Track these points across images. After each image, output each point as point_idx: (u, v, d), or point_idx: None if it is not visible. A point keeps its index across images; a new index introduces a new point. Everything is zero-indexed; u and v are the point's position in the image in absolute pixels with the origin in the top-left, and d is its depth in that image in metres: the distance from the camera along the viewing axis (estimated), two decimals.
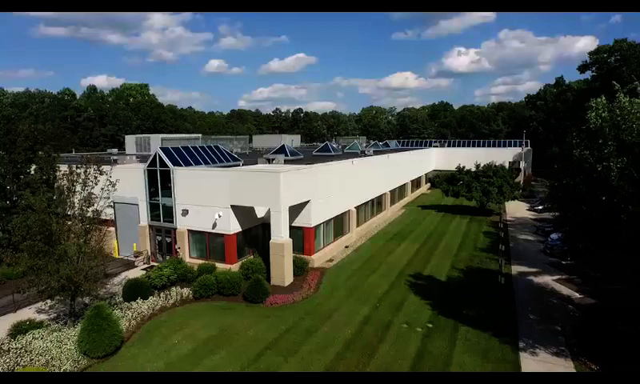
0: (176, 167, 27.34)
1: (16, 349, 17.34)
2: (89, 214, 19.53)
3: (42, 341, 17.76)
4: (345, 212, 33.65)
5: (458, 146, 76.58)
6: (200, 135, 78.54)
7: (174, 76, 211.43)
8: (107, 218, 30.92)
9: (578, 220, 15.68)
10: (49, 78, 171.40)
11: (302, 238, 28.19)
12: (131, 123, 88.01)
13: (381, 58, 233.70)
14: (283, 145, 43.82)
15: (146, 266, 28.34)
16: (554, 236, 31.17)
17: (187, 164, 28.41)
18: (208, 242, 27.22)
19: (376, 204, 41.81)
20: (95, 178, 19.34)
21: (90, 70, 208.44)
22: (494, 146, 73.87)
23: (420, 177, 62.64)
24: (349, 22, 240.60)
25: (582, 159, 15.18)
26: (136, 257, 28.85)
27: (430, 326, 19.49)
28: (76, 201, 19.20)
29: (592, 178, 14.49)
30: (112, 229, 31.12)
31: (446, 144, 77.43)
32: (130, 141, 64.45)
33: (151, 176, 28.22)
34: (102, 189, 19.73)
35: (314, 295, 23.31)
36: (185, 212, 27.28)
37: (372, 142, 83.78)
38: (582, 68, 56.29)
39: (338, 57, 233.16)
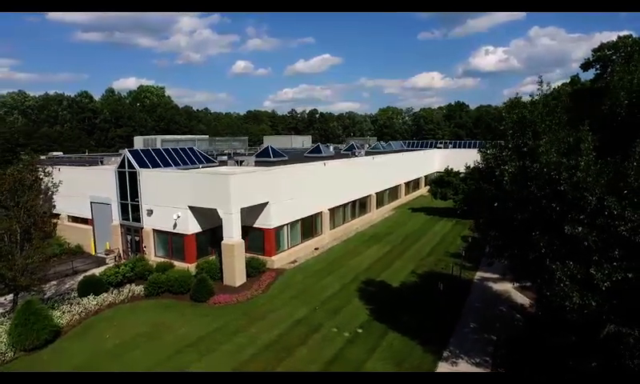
0: (142, 169, 28.30)
1: None
2: (38, 212, 20.52)
3: None
4: (316, 213, 33.76)
5: (468, 147, 74.76)
6: (207, 136, 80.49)
7: (202, 77, 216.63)
8: (86, 217, 32.57)
9: (489, 220, 15.34)
10: (83, 81, 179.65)
11: (262, 239, 28.58)
12: (146, 124, 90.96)
13: (406, 58, 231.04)
14: (268, 146, 44.21)
15: (115, 263, 29.42)
16: None
17: (155, 166, 29.33)
18: (170, 242, 28.03)
19: (358, 206, 41.64)
20: (35, 179, 20.33)
21: (121, 72, 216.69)
22: None
23: (419, 178, 61.74)
24: (374, 22, 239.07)
25: (488, 161, 14.91)
26: (107, 254, 30.04)
27: (360, 331, 19.43)
28: (24, 200, 20.23)
29: (493, 182, 14.17)
30: (90, 227, 32.58)
31: (450, 145, 75.81)
32: (139, 141, 66.79)
33: (121, 177, 29.31)
34: (49, 189, 20.68)
35: (260, 296, 23.63)
36: (150, 212, 28.19)
37: (384, 143, 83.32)
38: (585, 66, 53.52)
39: (364, 57, 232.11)
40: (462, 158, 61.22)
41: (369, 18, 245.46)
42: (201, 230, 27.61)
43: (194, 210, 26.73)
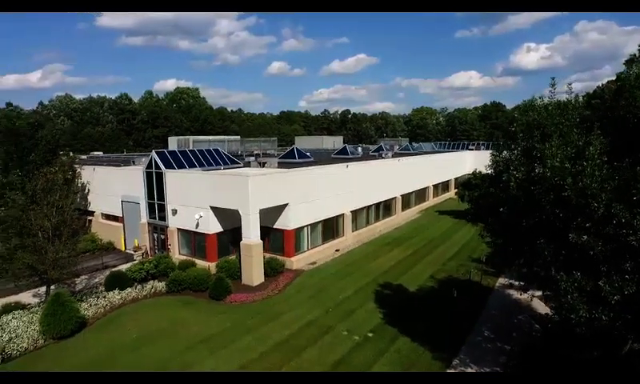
0: (167, 170, 29.42)
1: None
2: (68, 210, 21.83)
3: (17, 320, 20.36)
4: (337, 215, 33.86)
5: None
6: (238, 137, 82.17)
7: (238, 78, 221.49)
8: (117, 215, 34.21)
9: (496, 226, 14.98)
10: (126, 83, 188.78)
11: (282, 240, 29.01)
12: (181, 125, 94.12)
13: (443, 57, 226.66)
14: (293, 148, 44.76)
15: (142, 260, 30.73)
16: None
17: (180, 167, 30.39)
18: (193, 241, 28.99)
19: (383, 208, 41.37)
20: (66, 180, 21.61)
21: (161, 74, 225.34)
22: None
23: (448, 181, 60.48)
24: (410, 21, 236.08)
25: (498, 164, 14.58)
26: (135, 251, 31.44)
27: (370, 335, 19.39)
28: (56, 199, 21.58)
29: (500, 187, 13.83)
30: (120, 225, 34.21)
31: (483, 146, 73.70)
32: (173, 141, 69.11)
33: (149, 177, 30.59)
34: (85, 187, 21.88)
35: (276, 296, 24.03)
36: (174, 211, 29.27)
37: (416, 144, 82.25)
38: (629, 62, 50.61)
39: (399, 57, 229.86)
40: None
41: (405, 17, 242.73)
42: (222, 230, 28.37)
43: (215, 210, 27.52)
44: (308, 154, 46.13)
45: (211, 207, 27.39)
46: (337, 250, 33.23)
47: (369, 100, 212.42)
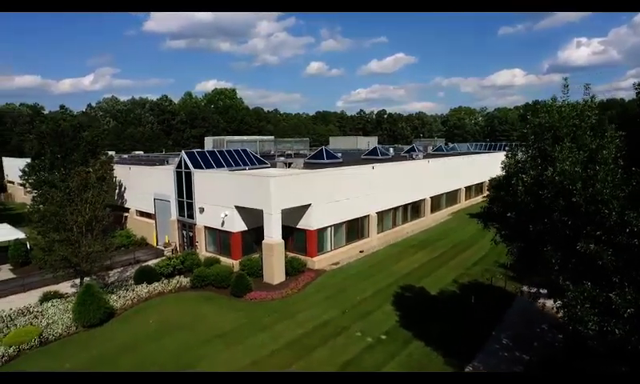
0: (196, 169, 30.53)
1: (36, 311, 21.74)
2: (100, 207, 23.19)
3: (54, 308, 21.92)
4: (362, 216, 33.81)
5: None
6: (272, 137, 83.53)
7: (277, 79, 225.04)
8: (150, 213, 35.83)
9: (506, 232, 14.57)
10: (169, 85, 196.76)
11: (304, 240, 29.35)
12: (218, 125, 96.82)
13: (485, 54, 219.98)
14: (322, 148, 45.09)
15: (172, 255, 32.05)
16: None
17: (208, 167, 31.46)
18: (219, 239, 29.91)
19: (411, 210, 40.84)
20: (98, 179, 22.94)
21: (202, 76, 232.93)
22: None
23: (482, 183, 58.64)
24: (451, 19, 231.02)
25: (509, 167, 14.20)
26: (165, 247, 32.82)
27: (384, 337, 19.34)
28: (89, 196, 22.98)
29: (509, 191, 13.45)
30: (153, 221, 35.81)
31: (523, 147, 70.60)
32: (208, 141, 71.40)
33: (179, 177, 31.87)
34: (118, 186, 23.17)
35: (294, 295, 24.39)
36: (201, 210, 30.32)
37: (451, 144, 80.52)
38: None
39: (439, 56, 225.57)
40: None
41: (445, 16, 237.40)
42: (246, 229, 29.09)
43: (239, 209, 28.27)
44: (339, 154, 46.39)
45: (236, 206, 28.16)
46: (361, 251, 33.19)
47: (407, 100, 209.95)
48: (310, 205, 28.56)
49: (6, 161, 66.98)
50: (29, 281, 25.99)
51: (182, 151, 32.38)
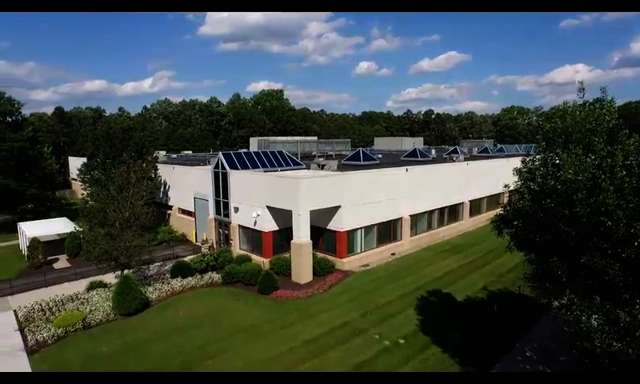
0: (231, 170, 31.87)
1: (83, 298, 23.89)
2: (138, 205, 24.92)
3: (98, 296, 23.94)
4: (395, 219, 33.62)
5: None
6: (315, 138, 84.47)
7: (326, 79, 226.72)
8: (190, 210, 37.76)
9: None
10: (221, 86, 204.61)
11: (334, 241, 29.74)
12: (264, 126, 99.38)
13: (544, 50, 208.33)
14: (359, 150, 45.18)
15: (209, 252, 33.64)
16: None
17: (244, 167, 32.71)
18: (251, 237, 31.04)
19: (447, 213, 39.94)
20: (137, 179, 24.64)
21: (253, 77, 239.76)
22: None
23: None
24: (507, 14, 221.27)
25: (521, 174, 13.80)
26: (202, 244, 34.50)
27: (402, 341, 19.33)
28: (128, 195, 24.78)
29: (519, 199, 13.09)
30: (193, 219, 37.73)
31: None
32: (253, 142, 73.53)
33: (216, 177, 33.40)
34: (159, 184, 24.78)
35: (319, 295, 24.85)
36: (236, 209, 31.62)
37: (499, 146, 77.53)
38: None
39: (494, 53, 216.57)
40: None
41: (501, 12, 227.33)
42: (277, 229, 29.96)
43: (270, 209, 29.19)
44: (380, 155, 46.32)
45: (267, 206, 29.11)
46: (392, 254, 33.03)
47: (459, 99, 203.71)
48: (339, 207, 28.89)
49: (72, 160, 73.11)
50: (80, 270, 28.50)
51: (219, 152, 33.88)
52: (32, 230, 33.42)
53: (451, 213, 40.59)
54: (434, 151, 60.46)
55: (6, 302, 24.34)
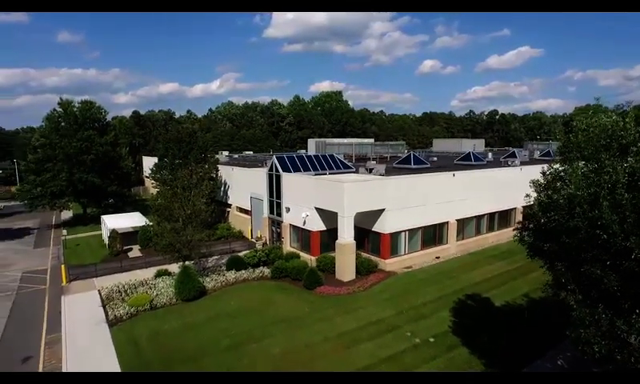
0: (284, 173, 34.30)
1: (151, 284, 27.46)
2: (199, 203, 28.00)
3: (163, 283, 27.39)
4: (441, 223, 34.09)
5: None
6: (372, 140, 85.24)
7: (388, 78, 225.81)
8: (247, 209, 40.83)
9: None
10: (286, 87, 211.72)
11: (378, 243, 31.03)
12: (323, 127, 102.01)
13: (633, 39, 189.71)
14: (410, 154, 45.72)
15: (262, 249, 36.39)
16: None
17: (296, 170, 35.00)
18: (301, 236, 33.24)
19: (498, 218, 39.39)
20: (198, 180, 27.66)
21: (317, 77, 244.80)
22: None
23: None
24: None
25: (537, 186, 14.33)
26: (257, 241, 37.34)
27: (432, 340, 20.32)
28: (190, 194, 27.93)
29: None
30: (249, 217, 40.80)
31: None
32: (311, 143, 76.03)
33: (270, 179, 36.06)
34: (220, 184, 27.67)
35: (359, 293, 26.34)
36: (287, 209, 34.00)
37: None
38: None
39: (571, 45, 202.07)
40: None
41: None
42: (324, 229, 31.85)
43: (318, 210, 31.15)
44: (434, 158, 46.59)
45: (315, 208, 31.11)
46: (437, 257, 33.55)
47: (530, 97, 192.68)
48: (384, 210, 30.12)
49: (145, 159, 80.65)
50: (149, 259, 32.48)
51: (274, 155, 36.45)
52: (112, 222, 38.36)
53: (501, 218, 39.93)
54: (490, 154, 58.98)
55: (92, 283, 28.69)
